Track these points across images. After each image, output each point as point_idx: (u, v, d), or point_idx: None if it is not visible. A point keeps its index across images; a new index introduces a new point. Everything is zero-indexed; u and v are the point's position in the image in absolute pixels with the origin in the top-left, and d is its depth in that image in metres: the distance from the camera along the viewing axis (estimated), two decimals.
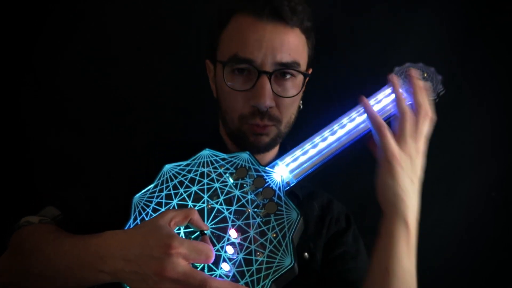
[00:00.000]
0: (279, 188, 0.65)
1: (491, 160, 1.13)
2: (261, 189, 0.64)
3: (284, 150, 0.84)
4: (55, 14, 1.09)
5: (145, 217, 0.62)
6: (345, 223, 0.86)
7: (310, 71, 0.82)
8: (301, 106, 0.82)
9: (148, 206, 0.63)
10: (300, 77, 0.76)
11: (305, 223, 0.78)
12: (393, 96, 0.72)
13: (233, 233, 0.61)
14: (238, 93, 0.74)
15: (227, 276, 0.57)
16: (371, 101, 0.74)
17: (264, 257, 0.58)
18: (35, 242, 0.63)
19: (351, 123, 0.72)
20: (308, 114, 0.84)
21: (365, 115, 0.70)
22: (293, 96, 0.75)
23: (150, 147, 0.83)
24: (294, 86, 0.76)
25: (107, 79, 1.10)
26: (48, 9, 1.08)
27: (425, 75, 0.76)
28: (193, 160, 0.67)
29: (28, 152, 1.08)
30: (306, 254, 0.78)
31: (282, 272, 0.57)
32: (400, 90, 0.71)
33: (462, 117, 1.14)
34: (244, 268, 0.58)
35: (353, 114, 0.73)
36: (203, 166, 0.67)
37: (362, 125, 0.71)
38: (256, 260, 0.58)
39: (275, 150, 0.86)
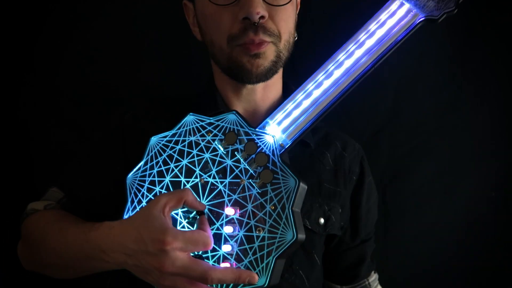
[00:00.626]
0: (273, 152, 0.59)
1: (491, 160, 1.13)
2: (253, 156, 0.59)
3: (288, 89, 0.79)
4: (55, 14, 1.09)
5: (141, 198, 0.60)
6: (357, 177, 0.82)
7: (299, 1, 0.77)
8: (296, 37, 0.75)
9: (142, 186, 0.60)
10: None
11: (318, 182, 0.76)
12: (401, 13, 0.58)
13: (229, 211, 0.57)
14: (223, 12, 0.66)
15: (231, 255, 0.55)
16: (372, 25, 0.59)
17: (265, 233, 0.55)
18: (40, 233, 0.64)
19: (348, 60, 0.59)
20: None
21: (365, 47, 0.58)
22: (287, 3, 0.67)
23: (135, 112, 0.77)
24: None
25: (107, 79, 1.09)
26: (48, 9, 1.08)
27: None
28: (179, 129, 0.62)
29: (28, 152, 1.08)
30: (321, 219, 0.75)
31: (285, 248, 0.54)
32: None
33: (462, 117, 1.13)
34: (246, 246, 0.55)
35: (350, 46, 0.59)
36: (190, 135, 0.61)
37: (363, 59, 0.59)
38: (258, 237, 0.55)
39: (279, 87, 0.79)
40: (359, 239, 0.84)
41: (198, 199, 0.58)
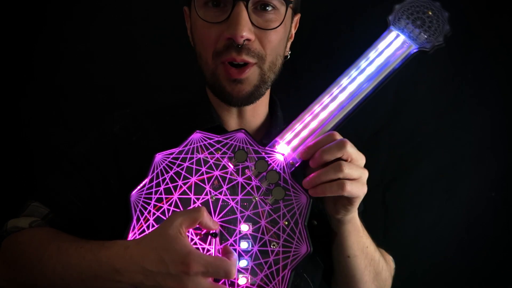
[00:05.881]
0: (283, 170, 0.61)
1: (491, 160, 1.13)
2: (264, 173, 0.60)
3: (273, 103, 0.80)
4: (55, 14, 1.09)
5: (148, 216, 0.59)
6: None
7: (298, 16, 0.77)
8: (289, 56, 0.75)
9: (148, 204, 0.59)
10: (284, 10, 0.69)
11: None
12: (397, 44, 0.65)
13: (244, 227, 0.58)
14: (212, 27, 0.66)
15: (246, 270, 0.57)
16: (371, 53, 0.65)
17: (279, 247, 0.57)
18: (34, 253, 0.60)
19: (351, 85, 0.64)
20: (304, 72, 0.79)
21: (366, 73, 0.64)
22: (277, 27, 0.67)
23: (127, 125, 0.74)
24: (277, 20, 0.68)
25: (107, 80, 1.10)
26: (48, 9, 1.08)
27: (430, 13, 0.64)
28: (185, 146, 0.62)
29: (29, 152, 1.09)
30: (314, 221, 0.74)
31: (300, 260, 0.56)
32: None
33: (462, 117, 1.14)
34: (262, 261, 0.57)
35: (353, 72, 0.64)
36: (197, 152, 0.62)
37: (365, 85, 0.64)
38: (272, 251, 0.57)
39: (267, 103, 0.79)
40: None
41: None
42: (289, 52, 0.76)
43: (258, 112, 0.77)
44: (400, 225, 1.15)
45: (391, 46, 0.65)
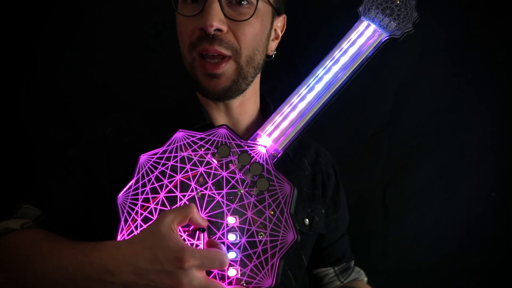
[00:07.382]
0: (266, 161, 0.62)
1: (491, 160, 1.13)
2: (248, 166, 0.62)
3: (264, 102, 0.81)
4: (57, 14, 1.09)
5: (135, 217, 0.59)
6: (334, 178, 0.86)
7: (283, 17, 0.78)
8: (274, 55, 0.76)
9: (135, 205, 0.60)
10: (263, 7, 0.69)
11: (299, 187, 0.78)
12: (368, 33, 0.67)
13: (231, 220, 0.59)
14: (188, 21, 0.68)
15: (236, 262, 0.57)
16: (344, 44, 0.68)
17: (266, 237, 0.58)
18: (26, 255, 0.60)
19: (327, 75, 0.66)
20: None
21: (341, 63, 0.65)
22: (248, 19, 0.67)
23: (119, 127, 0.75)
24: (252, 13, 0.68)
25: (109, 80, 1.10)
26: (49, 9, 1.08)
27: (398, 1, 0.67)
28: (169, 145, 0.63)
29: (29, 153, 1.09)
30: (306, 220, 0.77)
31: (288, 248, 0.57)
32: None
33: (462, 117, 1.14)
34: (250, 251, 0.58)
35: (328, 63, 0.67)
36: (181, 150, 0.63)
37: (340, 74, 0.66)
38: (260, 241, 0.58)
39: (256, 101, 0.80)
40: (339, 234, 0.87)
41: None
42: (275, 52, 0.77)
43: (245, 110, 0.78)
44: (400, 225, 1.15)
45: (363, 36, 0.68)
